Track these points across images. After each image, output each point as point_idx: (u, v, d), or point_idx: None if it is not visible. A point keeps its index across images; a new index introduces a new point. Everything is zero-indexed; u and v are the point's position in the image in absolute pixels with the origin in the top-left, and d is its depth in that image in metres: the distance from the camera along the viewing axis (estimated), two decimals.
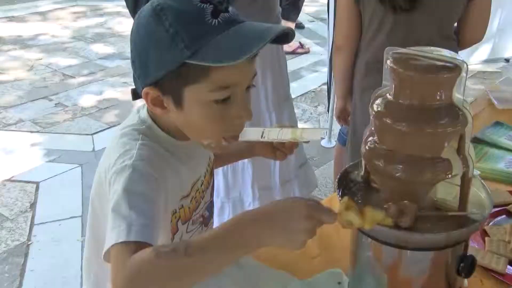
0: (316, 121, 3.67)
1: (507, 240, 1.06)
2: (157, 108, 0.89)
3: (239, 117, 0.88)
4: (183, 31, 0.81)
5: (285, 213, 0.74)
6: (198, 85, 0.83)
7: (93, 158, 3.14)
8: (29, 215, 2.65)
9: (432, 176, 0.80)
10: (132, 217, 0.79)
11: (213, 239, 0.74)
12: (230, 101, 0.86)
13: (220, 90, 0.84)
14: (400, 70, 0.78)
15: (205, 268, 0.74)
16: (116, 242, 0.76)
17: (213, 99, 0.85)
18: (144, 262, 0.72)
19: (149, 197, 0.84)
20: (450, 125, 0.78)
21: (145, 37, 0.86)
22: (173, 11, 0.82)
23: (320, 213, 0.75)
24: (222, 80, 0.83)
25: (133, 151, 0.89)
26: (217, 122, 0.88)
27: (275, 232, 0.74)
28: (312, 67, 4.65)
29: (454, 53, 0.80)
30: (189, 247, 0.72)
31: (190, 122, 0.90)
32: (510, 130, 1.58)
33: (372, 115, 0.82)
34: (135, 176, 0.85)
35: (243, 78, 0.87)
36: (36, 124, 3.62)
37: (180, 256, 0.72)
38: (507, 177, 1.34)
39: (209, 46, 0.81)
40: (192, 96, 0.85)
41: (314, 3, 6.40)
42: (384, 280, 0.86)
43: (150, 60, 0.85)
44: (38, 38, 5.40)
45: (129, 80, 4.35)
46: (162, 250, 0.72)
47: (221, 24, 0.82)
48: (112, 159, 0.90)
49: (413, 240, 0.80)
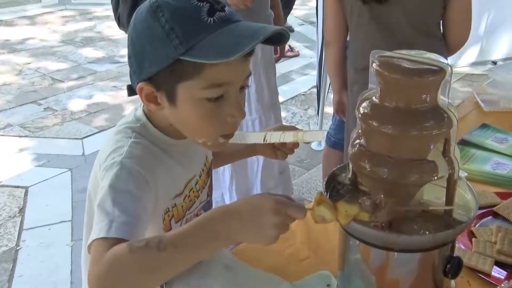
0: (306, 124, 3.68)
1: (493, 241, 1.07)
2: (151, 104, 0.90)
3: (232, 116, 0.89)
4: (178, 28, 0.83)
5: (254, 209, 0.76)
6: (191, 82, 0.85)
7: (83, 162, 3.13)
8: (18, 220, 2.63)
9: (418, 178, 0.80)
10: (114, 214, 0.81)
11: (184, 234, 0.76)
12: (223, 100, 0.87)
13: (213, 88, 0.85)
14: (385, 73, 0.79)
15: (176, 263, 0.76)
16: (97, 237, 0.78)
17: (206, 97, 0.86)
18: (117, 257, 0.74)
19: (135, 195, 0.85)
20: (436, 128, 0.78)
21: (141, 33, 0.87)
22: (170, 8, 0.84)
23: (289, 208, 0.76)
24: (215, 78, 0.84)
25: (124, 148, 0.90)
26: (210, 120, 0.88)
27: (245, 228, 0.76)
28: (302, 70, 4.67)
29: (438, 56, 0.81)
30: (162, 242, 0.74)
31: (183, 119, 0.91)
32: (496, 132, 1.60)
33: (359, 118, 0.83)
34: (123, 174, 0.87)
35: (236, 77, 0.87)
36: (25, 128, 3.59)
37: (153, 251, 0.74)
38: (493, 179, 1.35)
39: (203, 43, 0.82)
40: (185, 93, 0.86)
41: (304, 7, 6.43)
42: (372, 282, 0.87)
43: (146, 56, 0.87)
44: (26, 42, 5.38)
45: (118, 84, 4.34)
46: (135, 245, 0.74)
47: (216, 23, 0.83)
48: (104, 155, 0.92)
49: (400, 242, 0.81)
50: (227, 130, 0.92)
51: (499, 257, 1.03)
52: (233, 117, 0.89)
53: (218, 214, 0.77)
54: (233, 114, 0.88)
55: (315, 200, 0.77)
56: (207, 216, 0.77)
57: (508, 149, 1.50)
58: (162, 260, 0.74)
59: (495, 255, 1.04)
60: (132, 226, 0.80)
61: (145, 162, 0.90)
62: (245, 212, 0.76)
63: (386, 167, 0.80)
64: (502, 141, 1.55)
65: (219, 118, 0.88)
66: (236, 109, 0.88)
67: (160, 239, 0.75)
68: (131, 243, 0.75)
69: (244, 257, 1.09)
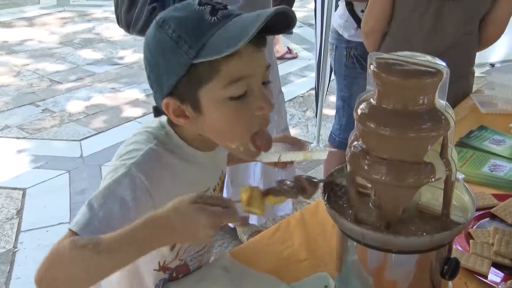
0: (304, 126, 3.68)
1: (491, 242, 1.07)
2: (181, 119, 0.90)
3: (260, 108, 0.87)
4: (185, 34, 0.84)
5: (186, 222, 0.77)
6: (211, 85, 0.85)
7: (81, 164, 3.13)
8: (15, 222, 2.63)
9: (416, 180, 0.80)
10: (97, 216, 0.84)
11: (120, 240, 0.78)
12: (247, 96, 0.86)
13: (233, 84, 0.85)
14: (383, 75, 0.79)
15: (110, 266, 0.80)
16: (71, 227, 0.83)
17: (228, 96, 0.86)
18: (60, 251, 0.79)
19: (127, 204, 0.86)
20: (433, 129, 0.78)
21: (153, 50, 0.88)
22: (175, 19, 0.86)
23: (222, 219, 0.78)
24: (232, 74, 0.84)
25: (139, 153, 0.90)
26: (238, 119, 0.87)
27: (178, 238, 0.81)
28: (300, 72, 4.68)
29: (435, 58, 0.81)
30: (99, 245, 0.77)
31: (212, 126, 0.90)
32: (494, 134, 1.60)
33: (356, 120, 0.83)
34: (125, 180, 0.87)
35: (253, 69, 0.87)
36: (23, 130, 3.59)
37: (90, 252, 0.77)
38: (491, 181, 1.36)
39: (211, 41, 0.83)
40: (208, 97, 0.86)
41: (302, 9, 6.43)
42: (370, 283, 0.87)
43: (162, 70, 0.87)
44: (25, 44, 5.37)
45: (117, 86, 4.34)
46: (77, 243, 0.78)
47: (220, 20, 0.85)
48: (121, 152, 0.93)
49: (398, 243, 0.81)
50: (258, 124, 0.89)
51: (496, 258, 1.04)
52: (261, 109, 0.87)
53: (152, 223, 0.78)
54: (261, 106, 0.87)
55: (246, 199, 0.79)
56: (141, 224, 0.78)
57: (505, 151, 1.50)
58: (97, 262, 0.78)
59: (492, 257, 1.04)
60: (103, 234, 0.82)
61: (155, 173, 0.90)
62: (178, 224, 0.77)
63: (383, 169, 0.80)
64: (499, 143, 1.55)
65: (247, 114, 0.87)
66: (263, 100, 0.87)
67: (97, 241, 0.78)
68: (75, 241, 0.79)
69: (242, 258, 1.09)
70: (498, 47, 4.53)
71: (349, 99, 2.31)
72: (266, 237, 1.17)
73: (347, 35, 2.23)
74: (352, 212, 0.87)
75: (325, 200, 0.89)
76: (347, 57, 2.24)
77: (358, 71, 2.22)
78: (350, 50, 2.22)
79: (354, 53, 2.22)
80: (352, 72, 2.25)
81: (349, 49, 2.23)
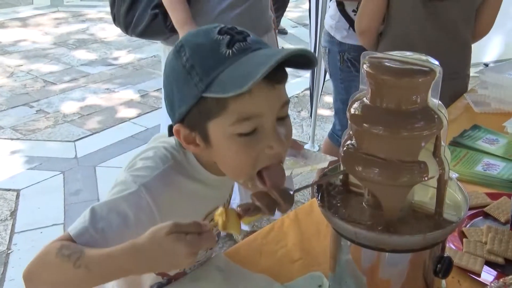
0: (299, 126, 3.68)
1: (484, 241, 1.08)
2: (191, 146, 0.88)
3: (269, 147, 0.83)
4: (198, 65, 0.81)
5: (166, 254, 0.75)
6: (220, 119, 0.81)
7: (75, 165, 3.11)
8: (9, 223, 2.61)
9: (409, 179, 0.81)
10: (96, 226, 0.84)
11: (99, 261, 0.79)
12: (257, 133, 0.82)
13: (242, 122, 0.81)
14: (376, 74, 0.79)
15: (86, 283, 0.81)
16: (70, 231, 0.84)
17: (237, 133, 0.82)
18: (49, 252, 0.81)
19: (129, 221, 0.85)
20: (426, 128, 0.79)
21: (169, 74, 0.86)
22: (191, 46, 0.83)
23: (201, 245, 0.76)
24: (241, 112, 0.80)
25: (152, 173, 0.89)
26: (245, 155, 0.83)
27: (158, 263, 0.78)
28: (295, 72, 4.67)
29: (428, 57, 0.81)
30: (80, 260, 0.78)
31: (220, 158, 0.87)
32: (487, 133, 1.61)
33: (349, 119, 0.83)
34: (132, 200, 0.86)
35: (265, 108, 0.81)
36: (17, 131, 3.57)
37: (70, 264, 0.78)
38: (484, 180, 1.36)
39: (220, 77, 0.79)
40: (217, 130, 0.83)
41: (297, 9, 6.44)
42: (364, 282, 0.87)
43: (174, 97, 0.85)
44: (18, 45, 5.35)
45: (111, 87, 4.33)
46: (63, 251, 0.80)
47: (235, 54, 0.80)
48: (134, 163, 0.92)
49: (391, 242, 0.81)
50: (264, 162, 0.84)
51: (489, 257, 1.04)
52: (271, 148, 0.83)
53: (133, 251, 0.77)
54: (270, 145, 0.82)
55: (222, 223, 0.77)
56: (123, 251, 0.78)
57: (498, 150, 1.51)
58: (73, 275, 0.79)
59: (485, 255, 1.04)
60: (96, 245, 0.83)
61: (164, 196, 0.88)
62: (158, 255, 0.76)
63: (376, 168, 0.80)
64: (493, 142, 1.56)
65: (255, 151, 0.83)
66: (273, 139, 0.82)
67: (80, 256, 0.79)
68: (63, 247, 0.80)
69: (236, 258, 1.09)
70: (492, 47, 4.56)
71: (348, 101, 2.29)
72: (260, 237, 1.17)
73: (339, 37, 2.21)
74: (346, 211, 0.87)
75: (318, 199, 0.89)
76: (341, 61, 2.23)
77: (353, 74, 2.21)
78: (344, 54, 2.21)
79: (347, 56, 2.21)
80: (348, 75, 2.24)
81: (342, 53, 2.21)
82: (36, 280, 0.84)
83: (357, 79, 2.44)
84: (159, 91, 4.15)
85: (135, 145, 3.32)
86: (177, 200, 0.91)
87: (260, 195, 0.81)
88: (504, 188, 1.31)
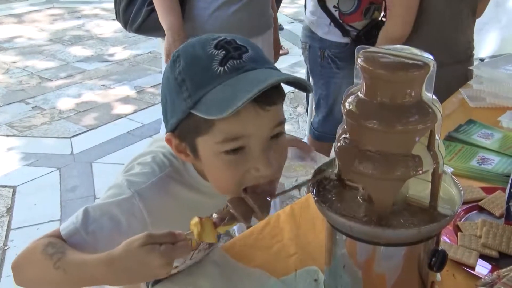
0: (295, 121, 3.69)
1: (478, 235, 1.08)
2: (182, 155, 0.88)
3: (256, 169, 0.81)
4: (189, 80, 0.79)
5: (140, 265, 0.75)
6: (207, 136, 0.81)
7: (71, 161, 3.11)
8: (5, 219, 2.61)
9: (404, 173, 0.81)
10: (87, 229, 0.85)
11: (77, 266, 0.80)
12: (245, 153, 0.81)
13: (228, 142, 0.80)
14: (370, 68, 0.79)
15: (62, 284, 0.82)
16: (61, 230, 0.85)
17: (223, 151, 0.81)
18: (36, 247, 0.82)
19: (119, 227, 0.86)
20: (420, 122, 0.79)
21: (164, 84, 0.86)
22: (186, 58, 0.81)
23: (174, 254, 0.75)
24: (228, 132, 0.79)
25: (148, 180, 0.88)
26: (231, 174, 0.82)
27: (133, 275, 0.77)
28: (291, 68, 4.68)
29: (422, 51, 0.81)
30: (60, 261, 0.79)
31: (208, 172, 0.87)
32: (482, 128, 1.62)
33: (344, 113, 0.83)
34: (125, 205, 0.87)
35: (253, 130, 0.80)
36: (13, 127, 3.57)
37: (50, 263, 0.79)
38: (479, 174, 1.37)
39: (207, 96, 0.78)
40: (205, 146, 0.83)
41: (293, 5, 6.44)
42: (359, 276, 0.88)
43: (167, 107, 0.85)
44: (14, 41, 5.33)
45: (107, 83, 4.32)
46: (48, 249, 0.81)
47: (226, 72, 0.78)
48: (131, 167, 0.92)
49: (386, 236, 0.82)
50: (250, 182, 0.83)
51: (483, 250, 1.05)
52: (257, 170, 0.81)
53: (106, 261, 0.77)
54: (256, 167, 0.81)
55: (197, 232, 0.77)
56: (96, 260, 0.78)
57: (493, 145, 1.52)
58: (52, 276, 0.80)
59: (479, 249, 1.05)
60: (87, 247, 0.84)
61: (158, 204, 0.88)
62: (132, 267, 0.75)
63: (371, 162, 0.80)
64: (487, 137, 1.56)
65: (241, 170, 0.81)
66: (260, 162, 0.80)
67: (61, 257, 0.80)
68: (50, 244, 0.81)
69: (232, 253, 1.09)
70: (487, 42, 4.57)
71: (327, 97, 2.30)
72: (256, 231, 1.17)
73: (320, 33, 2.19)
74: (341, 205, 0.87)
75: (313, 193, 0.89)
76: (321, 57, 2.21)
77: (334, 71, 2.21)
78: (325, 50, 2.19)
79: (328, 53, 2.19)
80: (328, 72, 2.23)
81: (323, 49, 2.19)
82: (21, 273, 0.85)
83: (337, 75, 2.46)
84: (155, 87, 4.14)
85: (131, 141, 3.32)
86: (172, 209, 0.91)
87: (235, 201, 0.80)
88: (499, 182, 1.32)
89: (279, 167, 0.86)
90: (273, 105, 0.81)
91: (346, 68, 2.17)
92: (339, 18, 2.14)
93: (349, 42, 2.15)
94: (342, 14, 2.13)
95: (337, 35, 2.16)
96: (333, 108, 2.31)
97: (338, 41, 2.16)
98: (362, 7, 2.14)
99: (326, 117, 2.34)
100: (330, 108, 2.31)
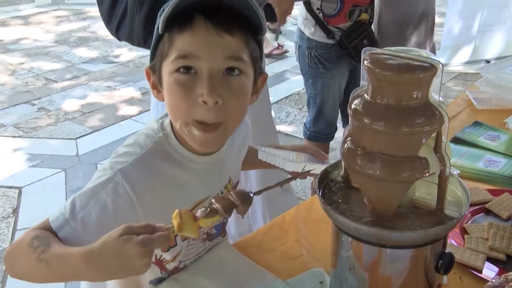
0: (300, 123, 3.68)
1: (485, 237, 1.08)
2: (154, 91, 0.93)
3: (201, 95, 0.83)
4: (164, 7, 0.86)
5: (118, 256, 0.73)
6: (168, 58, 0.87)
7: (77, 162, 3.12)
8: (11, 220, 2.62)
9: (410, 175, 0.80)
10: (76, 217, 0.85)
11: (59, 259, 0.79)
12: (195, 78, 0.85)
13: (179, 59, 0.85)
14: (376, 70, 0.79)
15: (45, 276, 0.83)
16: (51, 221, 0.85)
17: (175, 68, 0.85)
18: (25, 238, 0.82)
19: (106, 210, 0.86)
20: (427, 124, 0.79)
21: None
22: None
23: (153, 244, 0.74)
24: (181, 49, 0.85)
25: (129, 158, 0.89)
26: (181, 96, 0.85)
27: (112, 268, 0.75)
28: (296, 69, 4.65)
29: (429, 53, 0.81)
30: (43, 254, 0.79)
31: (166, 100, 0.91)
32: (488, 130, 1.61)
33: (350, 115, 0.83)
34: (109, 185, 0.87)
35: (203, 52, 0.83)
36: (19, 129, 3.58)
37: (34, 255, 0.80)
38: (485, 176, 1.36)
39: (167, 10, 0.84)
40: (165, 70, 0.88)
41: (296, 6, 6.42)
42: (365, 278, 0.87)
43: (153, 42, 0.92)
44: (20, 42, 5.35)
45: (112, 84, 4.33)
46: (34, 242, 0.81)
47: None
48: (117, 151, 0.94)
49: (393, 238, 0.81)
50: (199, 114, 0.85)
51: (490, 253, 1.04)
52: (201, 96, 0.83)
53: (85, 255, 0.76)
54: (201, 92, 0.83)
55: (177, 225, 0.75)
56: (76, 254, 0.77)
57: (500, 147, 1.51)
58: (36, 268, 0.81)
59: (486, 251, 1.04)
60: (79, 236, 0.84)
61: (142, 182, 0.88)
62: (110, 259, 0.74)
63: (377, 164, 0.80)
64: (494, 139, 1.56)
65: (190, 96, 0.84)
66: (204, 87, 0.83)
67: (45, 250, 0.80)
68: (35, 238, 0.81)
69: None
70: (493, 43, 4.55)
71: (315, 96, 2.34)
72: (261, 234, 1.17)
73: (308, 33, 2.24)
74: (347, 207, 0.87)
75: (319, 195, 0.89)
76: (309, 57, 2.25)
77: (320, 71, 2.24)
78: (311, 50, 2.23)
79: (314, 53, 2.23)
80: (315, 72, 2.27)
81: (310, 49, 2.24)
82: (11, 265, 0.86)
83: (325, 75, 2.50)
84: None
85: None
86: (158, 186, 0.91)
87: (219, 198, 0.79)
88: (506, 185, 1.31)
89: (227, 108, 0.86)
90: (229, 33, 0.84)
91: (333, 69, 2.22)
92: (323, 20, 2.17)
93: (335, 43, 2.18)
94: (326, 16, 2.17)
95: (323, 36, 2.20)
96: (323, 108, 2.34)
97: (323, 41, 2.20)
98: (346, 10, 2.16)
99: (317, 116, 2.38)
100: (320, 107, 2.35)
